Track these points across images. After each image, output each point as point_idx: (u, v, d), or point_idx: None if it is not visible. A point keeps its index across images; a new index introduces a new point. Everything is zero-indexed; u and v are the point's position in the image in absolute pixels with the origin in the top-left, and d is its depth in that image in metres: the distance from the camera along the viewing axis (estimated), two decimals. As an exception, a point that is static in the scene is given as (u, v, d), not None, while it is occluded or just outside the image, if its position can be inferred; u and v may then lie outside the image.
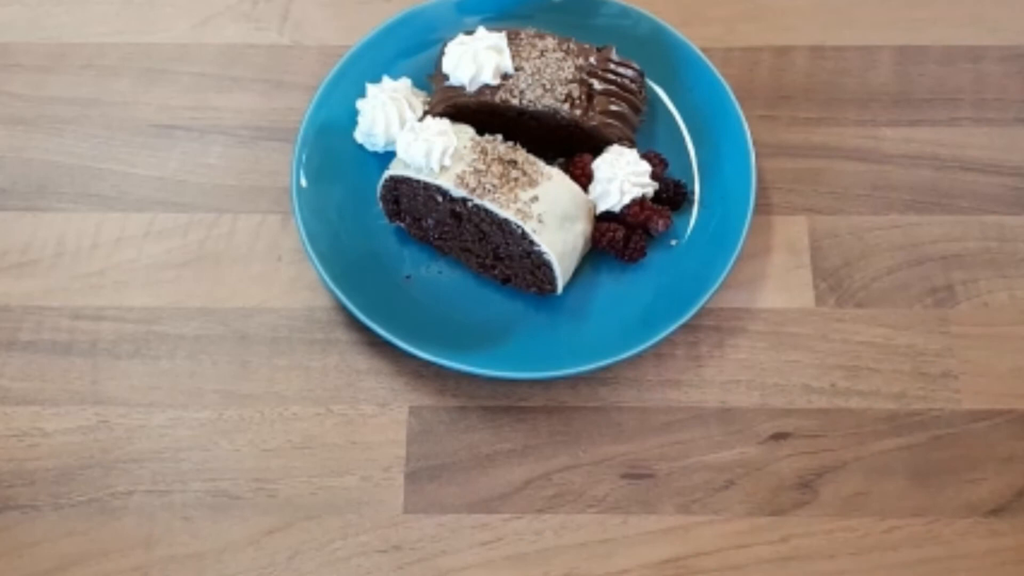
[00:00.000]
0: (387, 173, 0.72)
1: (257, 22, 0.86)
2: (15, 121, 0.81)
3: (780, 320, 0.74)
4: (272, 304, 0.75)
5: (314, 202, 0.74)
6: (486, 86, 0.74)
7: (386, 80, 0.77)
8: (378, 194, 0.74)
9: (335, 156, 0.77)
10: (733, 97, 0.78)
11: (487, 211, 0.69)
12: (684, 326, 0.70)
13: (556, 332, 0.72)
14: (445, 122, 0.71)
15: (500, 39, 0.74)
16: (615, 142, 0.74)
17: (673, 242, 0.75)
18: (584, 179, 0.73)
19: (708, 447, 0.70)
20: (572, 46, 0.76)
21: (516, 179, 0.70)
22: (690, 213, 0.76)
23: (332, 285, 0.71)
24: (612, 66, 0.76)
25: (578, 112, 0.74)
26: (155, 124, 0.81)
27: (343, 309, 0.73)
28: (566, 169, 0.73)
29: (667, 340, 0.70)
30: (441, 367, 0.70)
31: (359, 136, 0.77)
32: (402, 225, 0.75)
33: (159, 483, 0.69)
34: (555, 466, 0.70)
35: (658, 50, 0.80)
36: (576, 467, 0.70)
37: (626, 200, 0.72)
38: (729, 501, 0.69)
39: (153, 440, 0.70)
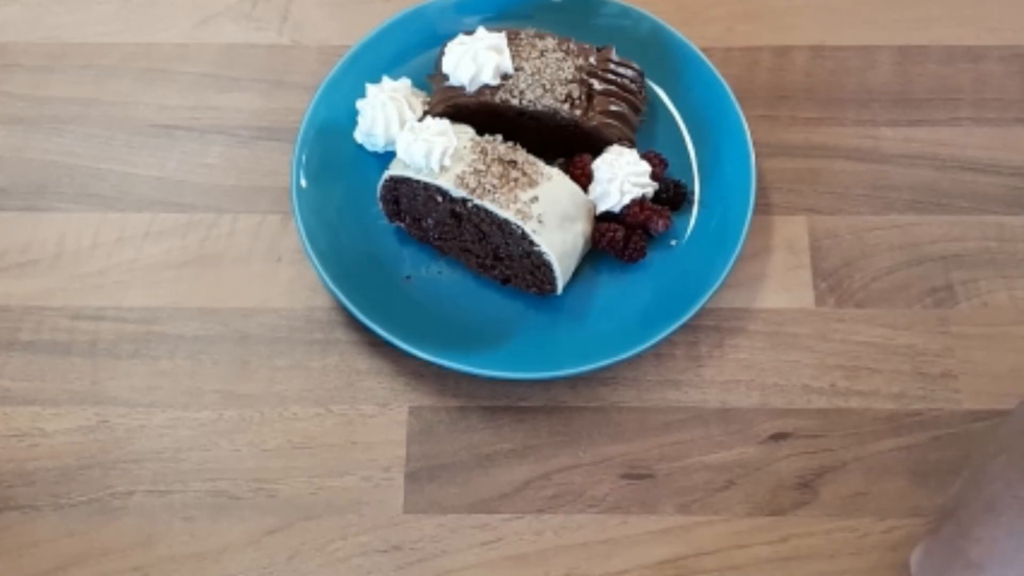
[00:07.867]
0: (387, 173, 0.72)
1: (257, 22, 0.86)
2: (15, 121, 0.81)
3: (780, 320, 0.74)
4: (272, 304, 0.75)
5: (314, 202, 0.74)
6: (486, 86, 0.74)
7: (386, 80, 0.77)
8: (378, 194, 0.74)
9: (335, 156, 0.77)
10: (733, 97, 0.77)
11: (487, 211, 0.69)
12: (684, 326, 0.70)
13: (556, 332, 0.72)
14: (445, 122, 0.71)
15: (500, 39, 0.74)
16: (615, 142, 0.74)
17: (673, 242, 0.75)
18: (584, 179, 0.73)
19: (708, 447, 0.70)
20: (572, 46, 0.76)
21: (516, 179, 0.69)
22: (690, 213, 0.76)
23: (332, 285, 0.71)
24: (612, 66, 0.76)
25: (578, 112, 0.74)
26: (155, 124, 0.81)
27: (343, 309, 0.73)
28: (566, 169, 0.73)
29: (667, 340, 0.70)
30: (441, 367, 0.70)
31: (359, 136, 0.77)
32: (402, 225, 0.75)
33: (159, 483, 0.69)
34: (555, 466, 0.70)
35: (658, 50, 0.80)
36: (576, 467, 0.70)
37: (626, 200, 0.72)
38: (729, 501, 0.69)
39: (153, 440, 0.70)
